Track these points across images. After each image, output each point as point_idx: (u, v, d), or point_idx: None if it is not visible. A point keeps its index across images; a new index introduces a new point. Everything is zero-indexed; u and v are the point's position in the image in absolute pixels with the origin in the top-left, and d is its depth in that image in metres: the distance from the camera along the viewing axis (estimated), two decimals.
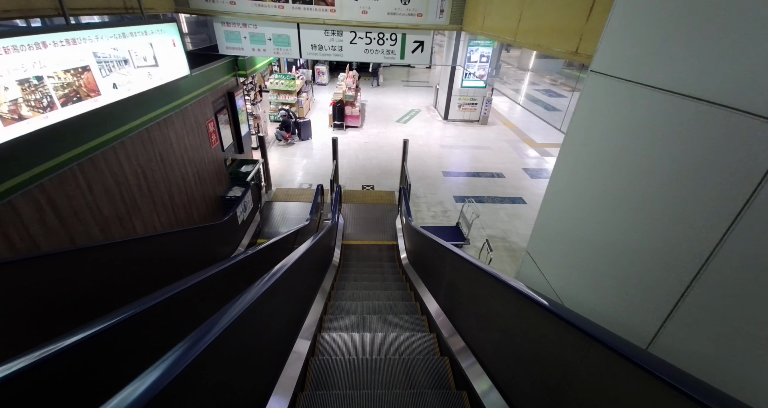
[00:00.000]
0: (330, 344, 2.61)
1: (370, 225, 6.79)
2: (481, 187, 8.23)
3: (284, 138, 9.91)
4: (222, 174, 6.45)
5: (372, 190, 8.03)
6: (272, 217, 6.92)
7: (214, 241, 4.50)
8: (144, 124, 4.04)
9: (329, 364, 2.24)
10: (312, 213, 5.13)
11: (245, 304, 1.24)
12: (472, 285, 2.30)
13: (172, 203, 4.74)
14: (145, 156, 4.12)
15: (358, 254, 5.54)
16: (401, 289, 3.97)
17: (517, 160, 9.67)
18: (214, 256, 4.45)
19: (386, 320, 2.94)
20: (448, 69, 12.13)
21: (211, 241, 4.41)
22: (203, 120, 5.59)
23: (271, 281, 1.57)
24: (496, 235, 6.43)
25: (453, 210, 7.27)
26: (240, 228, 5.53)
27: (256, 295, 1.34)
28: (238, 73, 6.92)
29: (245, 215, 5.74)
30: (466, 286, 2.43)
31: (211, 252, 4.37)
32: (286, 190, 7.82)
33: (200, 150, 5.52)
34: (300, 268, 2.56)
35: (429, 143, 10.69)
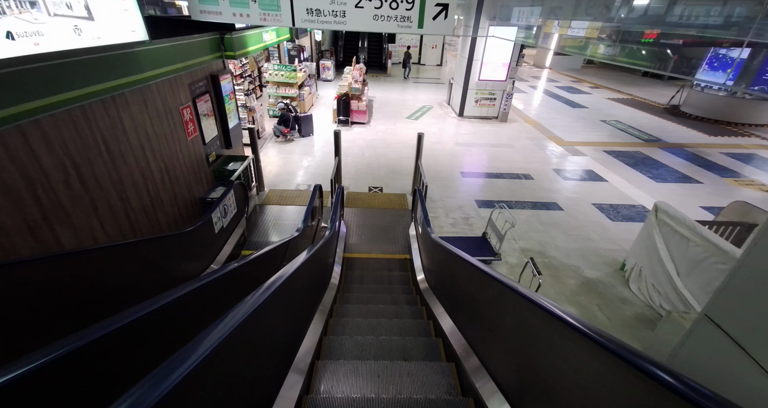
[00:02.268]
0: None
1: (377, 234, 5.70)
2: (506, 189, 7.09)
3: (282, 134, 8.89)
4: (203, 171, 5.42)
5: (380, 193, 6.94)
6: (262, 224, 5.86)
7: (174, 257, 3.44)
8: (76, 101, 3.01)
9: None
10: (305, 221, 4.06)
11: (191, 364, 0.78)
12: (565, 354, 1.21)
13: (126, 207, 3.69)
14: (79, 143, 3.08)
15: (362, 273, 4.44)
16: (424, 332, 2.86)
17: (545, 160, 8.52)
18: (172, 278, 3.39)
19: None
20: (464, 61, 11.05)
21: (168, 258, 3.35)
22: (175, 105, 4.56)
23: (232, 326, 1.04)
24: (531, 249, 5.28)
25: (476, 217, 6.14)
26: (218, 237, 4.47)
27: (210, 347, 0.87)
28: (225, 53, 5.91)
29: (225, 221, 4.68)
30: (555, 357, 1.33)
31: (167, 272, 3.31)
32: (281, 192, 6.76)
33: (171, 141, 4.49)
34: (278, 307, 1.73)
35: (443, 140, 9.60)
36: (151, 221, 4.13)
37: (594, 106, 13.40)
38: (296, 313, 2.37)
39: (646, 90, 16.19)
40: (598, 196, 6.83)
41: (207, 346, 0.94)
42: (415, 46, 21.28)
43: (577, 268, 4.88)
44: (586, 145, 9.43)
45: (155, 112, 4.15)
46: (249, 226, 5.71)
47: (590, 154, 8.79)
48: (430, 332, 2.92)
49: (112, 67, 3.39)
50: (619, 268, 4.83)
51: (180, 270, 3.54)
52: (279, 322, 1.86)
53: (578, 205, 6.47)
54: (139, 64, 3.81)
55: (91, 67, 3.14)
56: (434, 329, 2.93)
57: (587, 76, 19.25)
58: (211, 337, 0.99)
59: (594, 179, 7.53)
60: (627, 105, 13.68)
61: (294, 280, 2.08)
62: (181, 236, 3.44)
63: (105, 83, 3.33)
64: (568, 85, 17.17)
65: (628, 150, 9.16)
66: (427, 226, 3.97)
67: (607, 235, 5.60)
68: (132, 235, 3.82)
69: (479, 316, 2.29)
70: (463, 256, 2.54)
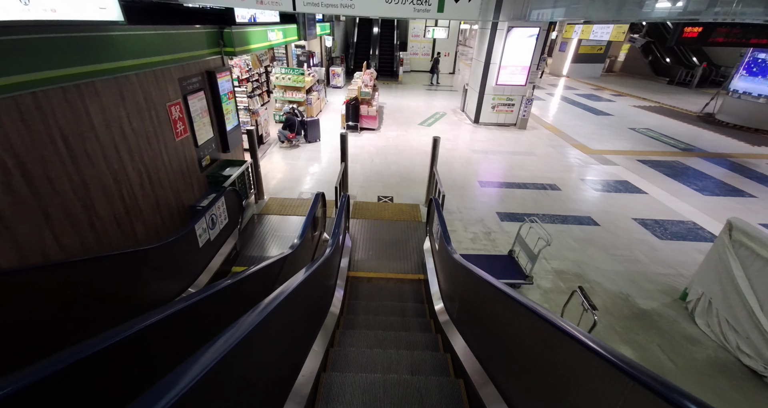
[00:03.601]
0: None
1: (387, 249, 5.01)
2: (531, 201, 6.35)
3: (287, 139, 8.37)
4: (194, 177, 4.86)
5: (390, 203, 6.28)
6: (259, 236, 5.24)
7: (139, 279, 2.82)
8: (21, 87, 2.46)
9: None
10: (302, 236, 3.41)
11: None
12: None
13: (91, 216, 3.11)
14: (27, 138, 2.52)
15: (368, 304, 3.73)
16: (452, 391, 2.14)
17: (572, 169, 7.76)
18: (135, 304, 2.76)
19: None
20: (480, 65, 10.46)
21: (131, 280, 2.73)
22: (161, 100, 4.04)
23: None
24: (566, 271, 4.51)
25: (499, 231, 5.41)
26: (203, 252, 3.86)
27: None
28: (224, 49, 5.42)
29: (213, 233, 4.07)
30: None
31: (126, 298, 2.69)
32: (282, 201, 6.16)
33: (154, 141, 3.94)
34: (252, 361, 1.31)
35: (458, 147, 8.94)
36: (125, 232, 3.55)
37: (620, 113, 12.60)
38: (276, 365, 1.70)
39: (675, 98, 15.31)
40: (639, 209, 6.03)
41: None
42: (427, 54, 20.90)
43: (627, 296, 4.09)
44: (617, 153, 8.64)
45: (135, 107, 3.61)
46: (243, 238, 5.10)
47: (623, 164, 7.99)
48: (460, 397, 2.19)
49: (75, 49, 2.86)
50: (679, 298, 4.03)
51: (147, 294, 2.91)
52: (253, 379, 1.25)
53: (616, 219, 5.69)
54: (115, 50, 3.29)
55: (43, 48, 2.60)
56: (466, 394, 2.20)
57: (608, 84, 18.46)
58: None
59: (631, 191, 6.73)
60: (656, 113, 12.84)
61: (277, 321, 1.49)
62: (149, 253, 2.82)
63: (65, 69, 2.79)
64: (589, 92, 16.41)
65: (666, 159, 8.33)
66: (447, 244, 3.27)
67: (656, 256, 4.79)
68: (98, 248, 3.23)
69: (528, 372, 1.59)
70: (504, 289, 1.85)
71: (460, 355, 2.52)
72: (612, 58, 21.89)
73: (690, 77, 17.69)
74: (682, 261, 4.67)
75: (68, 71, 2.81)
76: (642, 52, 20.06)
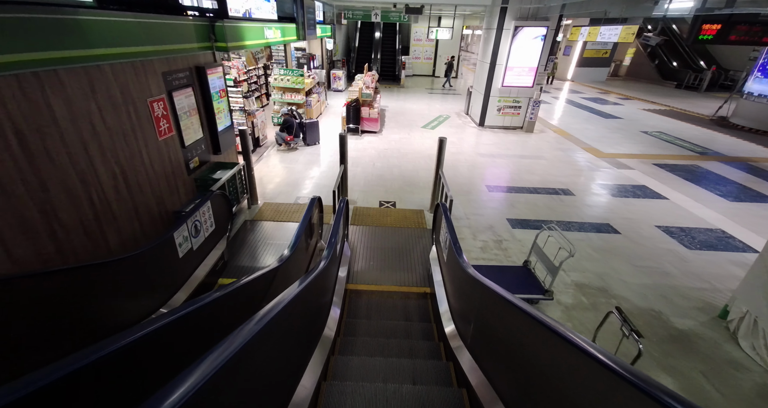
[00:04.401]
0: None
1: (390, 258, 4.59)
2: (544, 207, 5.93)
3: (285, 141, 8.01)
4: (180, 180, 4.48)
5: (393, 209, 5.88)
6: (251, 244, 4.83)
7: (100, 296, 2.41)
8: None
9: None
10: (293, 246, 3.00)
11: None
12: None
13: (51, 222, 2.72)
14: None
15: (369, 323, 3.29)
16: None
17: (585, 173, 7.34)
18: (95, 326, 2.35)
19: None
20: (485, 66, 10.13)
21: (91, 297, 2.32)
22: (142, 95, 3.67)
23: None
24: (589, 284, 4.08)
25: (510, 239, 4.98)
26: (184, 263, 3.45)
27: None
28: (216, 44, 5.08)
29: (197, 242, 3.67)
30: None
31: (85, 317, 2.27)
32: (277, 206, 5.77)
33: (132, 139, 3.56)
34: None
35: (463, 150, 8.55)
36: (94, 241, 3.15)
37: (629, 116, 12.21)
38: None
39: (685, 101, 14.93)
40: (661, 216, 5.60)
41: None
42: (429, 58, 20.67)
43: (659, 314, 3.64)
44: (631, 157, 8.22)
45: (108, 102, 3.24)
46: (233, 246, 4.69)
47: (638, 167, 7.57)
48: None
49: (31, 32, 2.49)
50: (718, 316, 3.58)
51: (109, 315, 2.50)
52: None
53: (638, 227, 5.25)
54: (83, 36, 2.92)
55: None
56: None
57: (614, 88, 18.12)
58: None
59: (650, 196, 6.30)
60: (667, 116, 12.44)
61: (262, 352, 1.12)
62: (109, 266, 2.42)
63: (19, 54, 2.42)
64: (595, 96, 16.06)
65: (683, 163, 7.91)
66: (459, 256, 2.85)
67: (687, 268, 4.35)
68: (60, 260, 2.83)
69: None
70: (535, 315, 1.45)
71: (478, 392, 2.09)
72: (617, 62, 21.61)
73: (699, 81, 17.33)
74: (715, 274, 4.22)
75: (22, 57, 2.44)
76: (648, 56, 19.77)
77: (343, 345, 2.82)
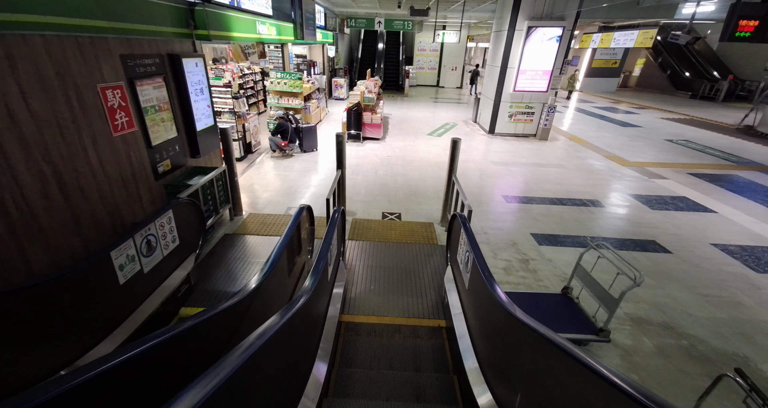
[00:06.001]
0: None
1: (394, 281, 3.78)
2: (572, 220, 5.13)
3: (279, 147, 7.32)
4: (145, 185, 3.73)
5: (398, 221, 5.09)
6: (227, 263, 4.03)
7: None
8: None
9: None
10: (268, 272, 2.22)
11: None
12: None
13: None
14: None
15: (369, 373, 2.45)
16: None
17: (613, 183, 6.56)
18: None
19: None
20: (495, 70, 9.53)
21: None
22: (89, 80, 2.97)
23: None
24: (648, 318, 3.23)
25: (539, 258, 4.17)
26: (126, 292, 2.66)
27: None
28: (196, 32, 4.44)
29: (148, 263, 2.89)
30: None
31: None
32: (263, 218, 5.00)
33: (73, 133, 2.84)
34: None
35: (473, 158, 7.82)
36: (6, 263, 2.38)
37: (648, 125, 11.51)
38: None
39: (703, 111, 14.25)
40: (714, 232, 4.77)
41: None
42: (433, 68, 20.29)
43: (746, 359, 2.78)
44: (661, 166, 7.44)
45: (36, 82, 2.52)
46: (206, 266, 3.90)
47: (672, 177, 6.79)
48: None
49: None
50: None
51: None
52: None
53: (691, 245, 4.42)
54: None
55: None
56: None
57: (626, 98, 17.53)
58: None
59: (695, 209, 5.48)
60: (689, 125, 11.73)
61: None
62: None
63: None
64: (608, 105, 15.44)
65: (721, 173, 7.12)
66: (491, 286, 2.06)
67: (763, 296, 3.50)
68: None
69: None
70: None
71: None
72: (626, 73, 21.12)
73: (715, 91, 16.71)
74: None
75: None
76: (659, 67, 19.25)
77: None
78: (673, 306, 3.39)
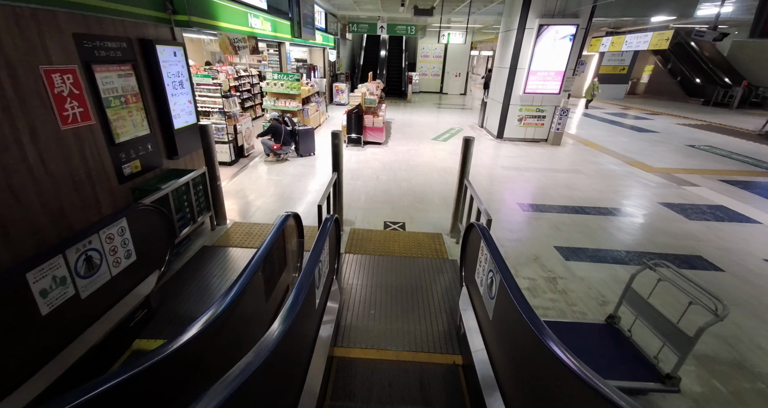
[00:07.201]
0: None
1: (398, 304, 3.16)
2: (599, 230, 4.51)
3: (272, 150, 6.78)
4: (105, 188, 3.17)
5: (401, 231, 4.49)
6: (201, 280, 3.43)
7: None
8: None
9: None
10: (233, 298, 1.63)
11: None
12: None
13: None
14: None
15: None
16: None
17: (638, 190, 5.95)
18: None
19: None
20: (503, 71, 9.04)
21: None
22: (27, 58, 2.43)
23: None
24: (715, 355, 2.60)
25: (568, 276, 3.54)
26: (50, 324, 2.05)
27: None
28: (174, 17, 3.94)
29: (88, 286, 2.29)
30: None
31: None
32: (249, 227, 4.42)
33: (2, 122, 2.29)
34: None
35: (483, 163, 7.26)
36: None
37: (666, 131, 10.94)
38: None
39: (719, 117, 13.70)
40: (766, 246, 4.14)
41: None
42: (437, 75, 19.94)
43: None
44: (689, 172, 6.84)
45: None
46: (175, 284, 3.29)
47: (704, 184, 6.18)
48: None
49: None
50: None
51: None
52: None
53: (744, 260, 3.79)
54: None
55: None
56: None
57: (637, 104, 17.03)
58: None
59: (737, 219, 4.86)
60: (707, 130, 11.16)
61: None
62: None
63: None
64: (619, 111, 14.93)
65: (755, 180, 6.51)
66: (540, 332, 1.45)
67: None
68: None
69: None
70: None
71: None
72: (634, 79, 20.69)
73: (729, 98, 16.19)
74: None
75: None
76: (669, 73, 18.80)
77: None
78: (740, 337, 2.75)
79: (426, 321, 2.96)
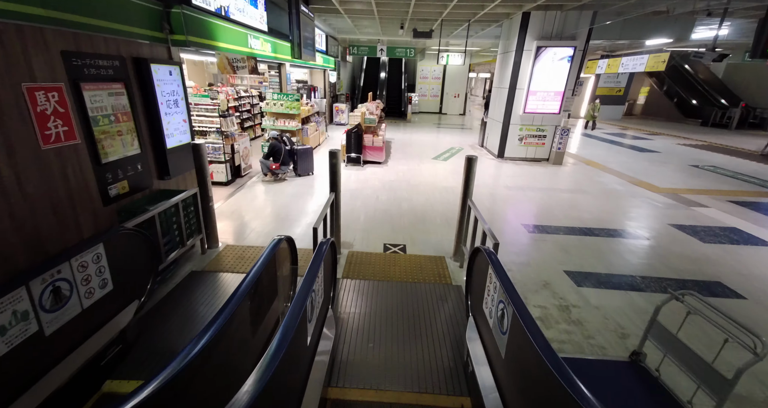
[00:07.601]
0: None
1: (399, 335, 2.91)
2: (611, 253, 4.29)
3: (270, 170, 6.65)
4: (87, 210, 2.99)
5: (402, 254, 4.27)
6: (186, 309, 3.18)
7: None
8: None
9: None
10: (216, 332, 1.42)
11: None
12: None
13: None
14: None
15: None
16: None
17: (647, 211, 5.78)
18: None
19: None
20: (503, 92, 9.08)
21: None
22: (8, 76, 2.31)
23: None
24: (748, 394, 2.33)
25: (582, 305, 3.30)
26: (16, 362, 1.81)
27: None
28: (171, 36, 3.90)
29: (53, 321, 2.06)
30: None
31: None
32: (242, 250, 4.20)
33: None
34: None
35: (484, 183, 7.11)
36: None
37: (667, 151, 10.90)
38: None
39: (719, 137, 13.72)
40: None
41: None
42: (436, 96, 20.24)
43: None
44: (697, 193, 6.68)
45: None
46: (158, 313, 3.04)
47: (713, 205, 6.00)
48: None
49: None
50: None
51: None
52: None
53: (766, 287, 3.55)
54: None
55: None
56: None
57: (635, 125, 17.15)
58: None
59: (752, 242, 4.65)
60: (709, 150, 11.11)
61: None
62: None
63: None
64: (618, 131, 15.00)
65: (765, 201, 6.34)
66: (555, 369, 1.23)
67: None
68: None
69: None
70: None
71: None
72: (631, 101, 20.98)
73: (726, 119, 16.32)
74: None
75: None
76: (666, 95, 19.07)
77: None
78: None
79: (430, 355, 2.70)
